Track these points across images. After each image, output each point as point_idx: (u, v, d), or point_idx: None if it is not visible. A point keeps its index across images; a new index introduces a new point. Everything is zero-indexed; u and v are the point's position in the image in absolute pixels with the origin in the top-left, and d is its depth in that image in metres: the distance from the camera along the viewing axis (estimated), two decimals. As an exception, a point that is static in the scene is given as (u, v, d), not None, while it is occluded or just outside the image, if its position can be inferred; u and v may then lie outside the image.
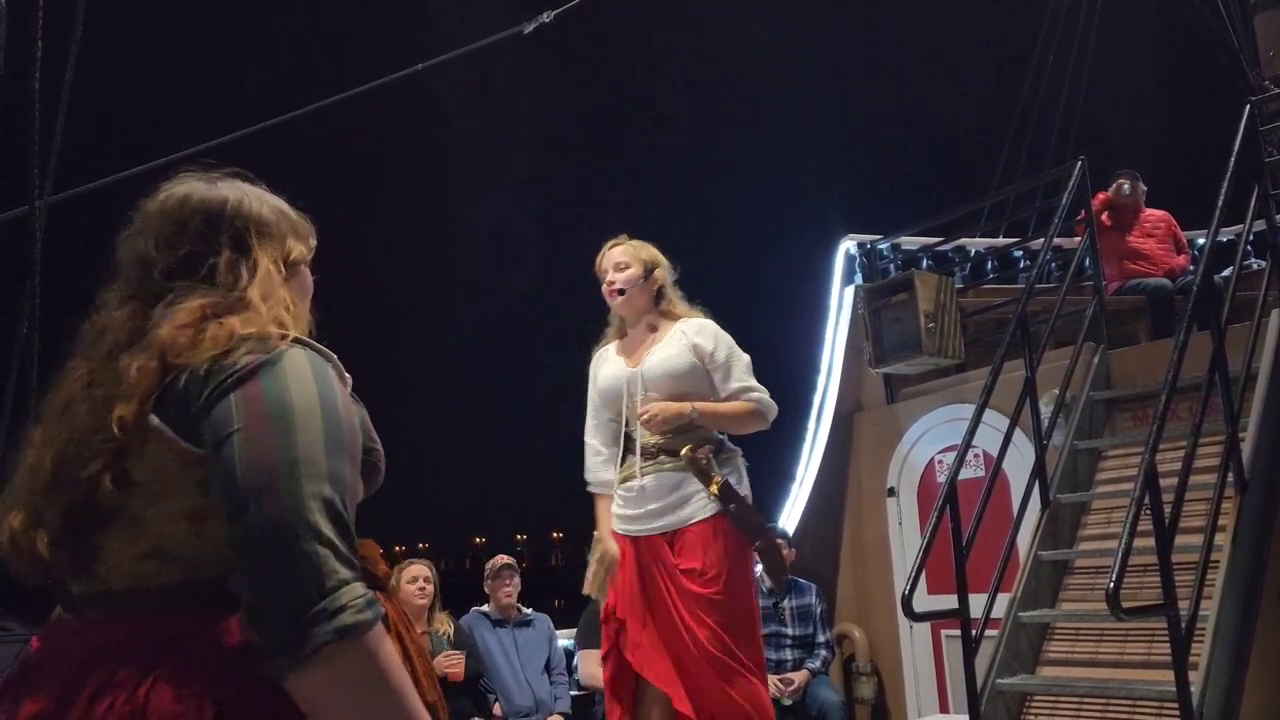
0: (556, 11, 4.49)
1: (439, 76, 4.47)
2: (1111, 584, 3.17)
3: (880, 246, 6.78)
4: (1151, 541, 3.46)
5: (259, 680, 1.12)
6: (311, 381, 1.20)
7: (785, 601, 5.61)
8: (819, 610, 5.67)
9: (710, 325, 3.41)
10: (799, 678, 5.33)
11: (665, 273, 3.47)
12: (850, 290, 6.60)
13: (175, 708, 1.11)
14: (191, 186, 1.36)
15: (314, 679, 1.09)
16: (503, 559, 5.44)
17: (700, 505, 3.23)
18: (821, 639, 5.61)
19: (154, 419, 1.19)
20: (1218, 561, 3.74)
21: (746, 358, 3.38)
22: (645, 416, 3.28)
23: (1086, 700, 3.87)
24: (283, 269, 1.36)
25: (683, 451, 3.27)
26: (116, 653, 1.16)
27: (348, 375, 1.31)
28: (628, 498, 3.33)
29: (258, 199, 1.38)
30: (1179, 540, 3.59)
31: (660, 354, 3.35)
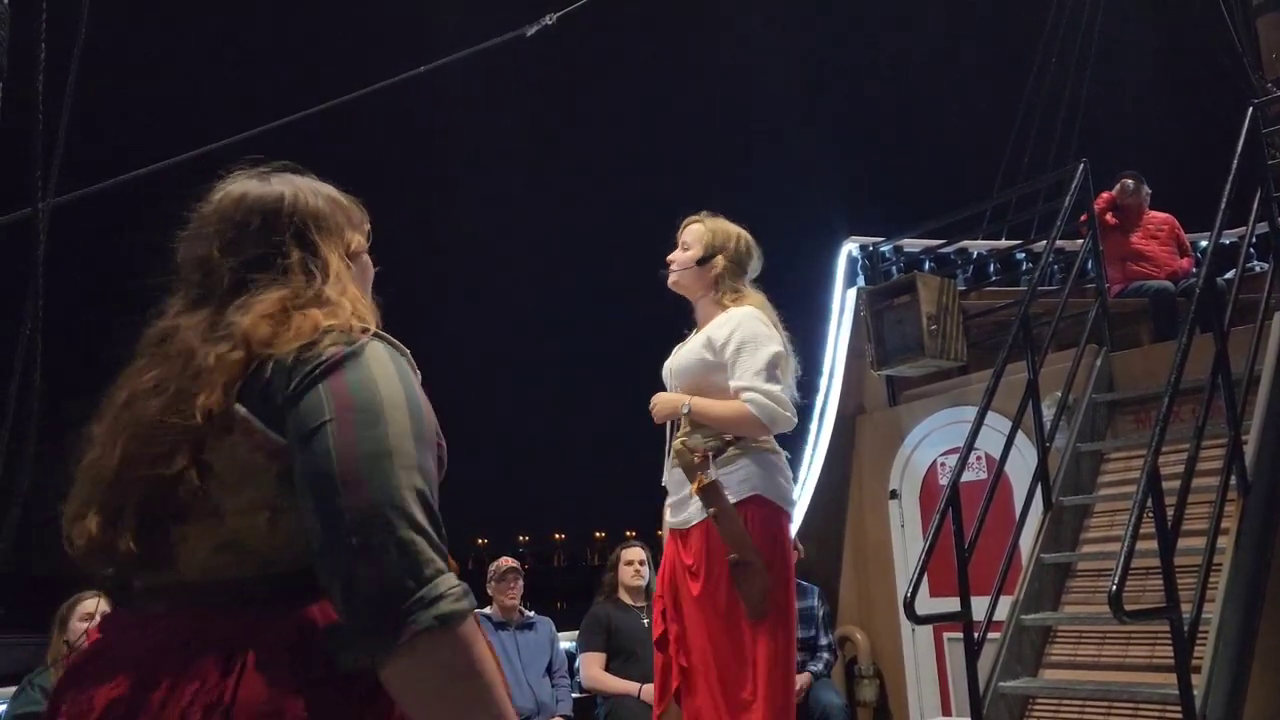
0: (559, 14, 4.48)
1: (441, 77, 4.46)
2: (1114, 586, 3.17)
3: (882, 248, 6.78)
4: (1154, 544, 3.45)
5: (340, 674, 1.12)
6: (395, 374, 1.21)
7: (787, 604, 5.62)
8: (821, 613, 5.68)
9: (740, 314, 3.12)
10: (801, 680, 5.34)
11: (727, 260, 3.21)
12: (852, 292, 6.60)
13: (264, 696, 1.11)
14: (245, 185, 1.36)
15: (410, 666, 1.09)
16: (507, 562, 5.43)
17: (699, 507, 3.04)
18: (824, 641, 5.61)
19: (240, 408, 1.18)
20: (1220, 564, 3.73)
21: (766, 354, 3.04)
22: (650, 408, 3.21)
23: (1089, 703, 3.86)
24: (347, 261, 1.37)
25: (675, 445, 3.13)
26: (192, 643, 1.15)
27: (418, 370, 1.32)
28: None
29: (311, 192, 1.37)
30: (1182, 543, 3.59)
31: (686, 347, 3.22)
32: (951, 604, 3.79)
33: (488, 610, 5.33)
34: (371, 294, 1.44)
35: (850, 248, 6.79)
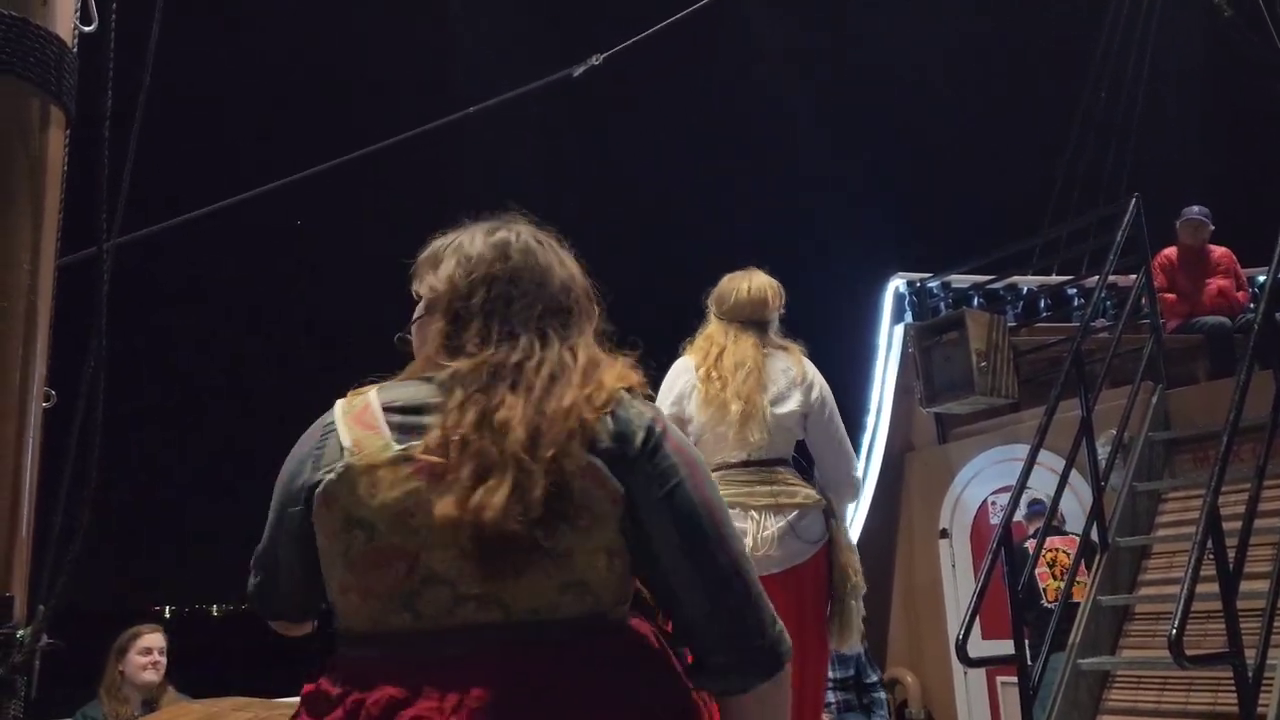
0: (605, 55, 4.53)
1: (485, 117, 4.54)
2: (1174, 631, 3.09)
3: (930, 284, 6.75)
4: (1215, 587, 3.36)
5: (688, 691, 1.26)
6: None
7: (828, 644, 5.53)
8: (860, 651, 5.56)
9: None
10: None
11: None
12: (900, 329, 6.57)
13: (679, 697, 1.25)
14: (547, 250, 1.41)
15: (771, 696, 1.27)
16: None
17: None
18: (871, 679, 5.49)
19: (593, 459, 1.24)
20: (1286, 609, 3.62)
21: None
22: None
23: (1149, 751, 3.75)
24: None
25: None
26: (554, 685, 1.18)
27: None
28: None
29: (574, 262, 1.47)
30: (1244, 586, 3.49)
31: None
32: (1005, 647, 3.72)
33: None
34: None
35: (898, 284, 6.77)
